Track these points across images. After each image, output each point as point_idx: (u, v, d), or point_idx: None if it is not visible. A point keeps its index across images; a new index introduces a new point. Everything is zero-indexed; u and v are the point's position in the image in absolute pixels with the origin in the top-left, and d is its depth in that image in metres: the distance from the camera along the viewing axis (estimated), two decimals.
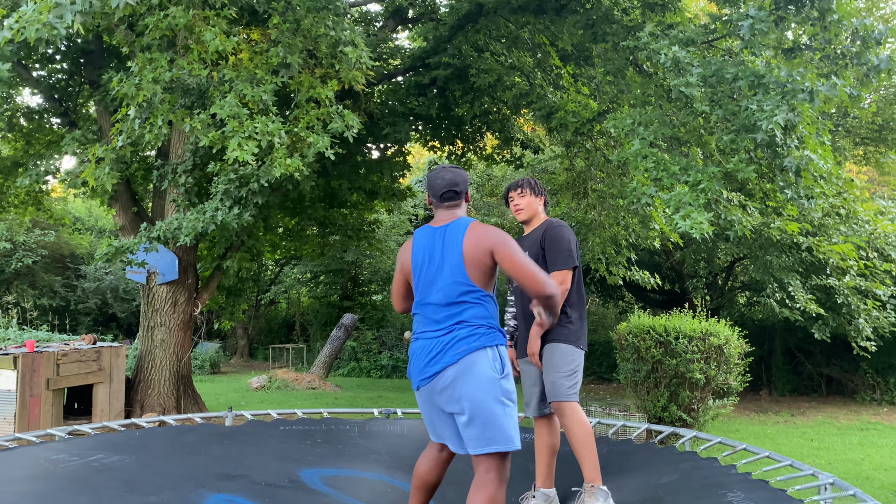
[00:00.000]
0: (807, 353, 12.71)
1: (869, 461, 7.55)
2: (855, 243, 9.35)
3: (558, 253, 3.54)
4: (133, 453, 3.91)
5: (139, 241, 7.43)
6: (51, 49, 8.99)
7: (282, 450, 4.25)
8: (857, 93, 5.63)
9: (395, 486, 3.83)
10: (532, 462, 4.15)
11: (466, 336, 2.74)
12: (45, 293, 17.06)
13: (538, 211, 3.77)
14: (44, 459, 3.66)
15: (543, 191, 3.81)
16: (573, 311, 3.60)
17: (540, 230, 3.68)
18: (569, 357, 3.53)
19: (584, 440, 3.40)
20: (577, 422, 3.43)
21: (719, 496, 3.37)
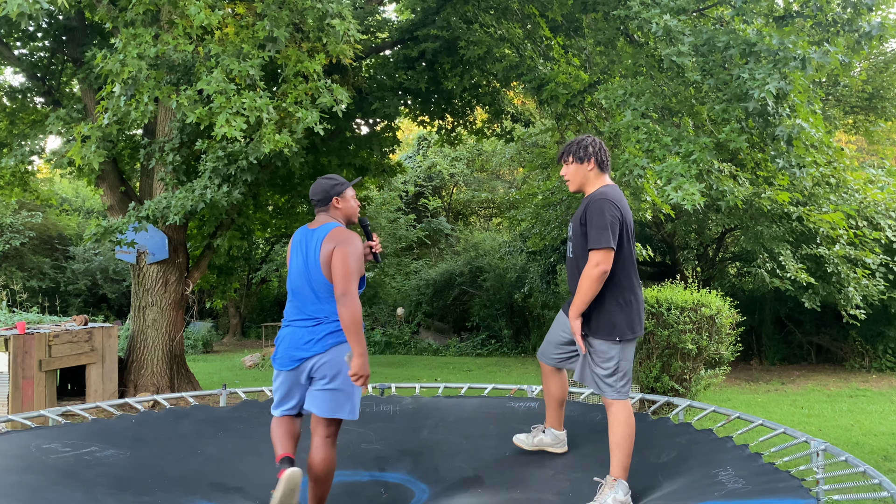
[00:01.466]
0: (797, 322, 12.81)
1: (858, 427, 7.65)
2: (845, 212, 9.39)
3: (591, 229, 3.25)
4: (127, 447, 3.83)
5: (128, 220, 7.36)
6: (32, 26, 8.82)
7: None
8: (849, 60, 5.60)
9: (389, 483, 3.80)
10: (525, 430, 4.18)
11: (334, 330, 3.27)
12: (34, 275, 16.94)
13: (588, 177, 3.44)
14: (35, 448, 3.61)
15: (592, 154, 3.41)
16: (612, 299, 3.32)
17: (586, 201, 3.38)
18: (605, 355, 3.34)
19: (622, 441, 3.31)
20: (619, 422, 3.32)
21: (712, 476, 3.37)
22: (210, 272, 10.65)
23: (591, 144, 3.43)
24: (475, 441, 4.21)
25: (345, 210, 3.48)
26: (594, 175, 3.43)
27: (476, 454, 4.02)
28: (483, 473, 3.74)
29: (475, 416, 4.63)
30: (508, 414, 4.63)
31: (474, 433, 4.32)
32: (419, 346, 15.76)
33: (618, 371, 3.34)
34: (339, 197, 3.45)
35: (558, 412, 3.80)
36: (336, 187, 3.45)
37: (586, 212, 3.31)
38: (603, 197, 3.31)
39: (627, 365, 3.38)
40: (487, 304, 15.98)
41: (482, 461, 3.91)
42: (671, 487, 3.36)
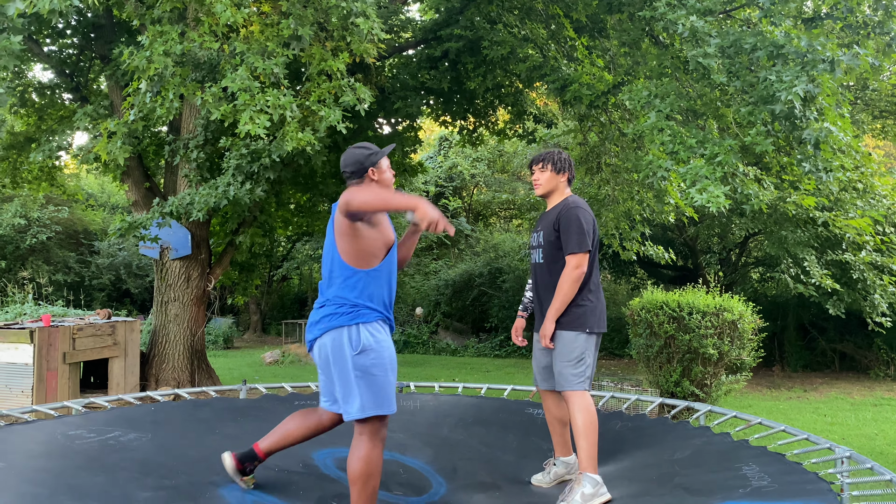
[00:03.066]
0: (820, 328, 12.64)
1: (883, 436, 7.52)
2: (872, 217, 9.24)
3: (570, 235, 3.46)
4: (149, 431, 3.90)
5: (152, 216, 7.44)
6: (62, 23, 8.95)
7: None
8: (879, 63, 5.51)
9: (408, 466, 3.83)
10: (543, 438, 4.15)
11: (328, 315, 3.00)
12: (59, 269, 17.17)
13: (558, 187, 3.65)
14: (61, 435, 3.68)
15: (568, 167, 3.66)
16: (583, 296, 3.52)
17: (556, 210, 3.59)
18: (572, 344, 3.47)
19: (584, 429, 3.35)
20: (580, 410, 3.39)
21: (734, 469, 3.36)
22: (232, 269, 10.74)
23: (566, 160, 3.68)
24: (494, 451, 4.19)
25: (382, 182, 3.10)
26: (563, 187, 3.67)
27: (495, 464, 4.01)
28: (501, 483, 3.72)
29: (495, 421, 4.60)
30: (528, 422, 4.59)
31: (494, 442, 4.30)
32: (437, 346, 15.76)
33: (582, 362, 3.45)
34: (374, 167, 3.07)
35: (563, 437, 3.74)
36: (371, 157, 3.07)
37: (560, 219, 3.51)
38: (577, 205, 3.54)
39: (591, 359, 3.50)
40: (506, 305, 15.93)
41: (500, 472, 3.89)
42: (693, 481, 3.33)
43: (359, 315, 2.98)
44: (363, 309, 3.00)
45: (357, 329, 2.97)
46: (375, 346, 2.97)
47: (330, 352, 2.99)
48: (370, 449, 2.94)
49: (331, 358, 2.98)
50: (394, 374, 3.04)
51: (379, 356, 2.97)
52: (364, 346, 2.95)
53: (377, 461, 2.95)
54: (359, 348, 2.94)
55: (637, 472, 3.61)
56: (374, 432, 2.96)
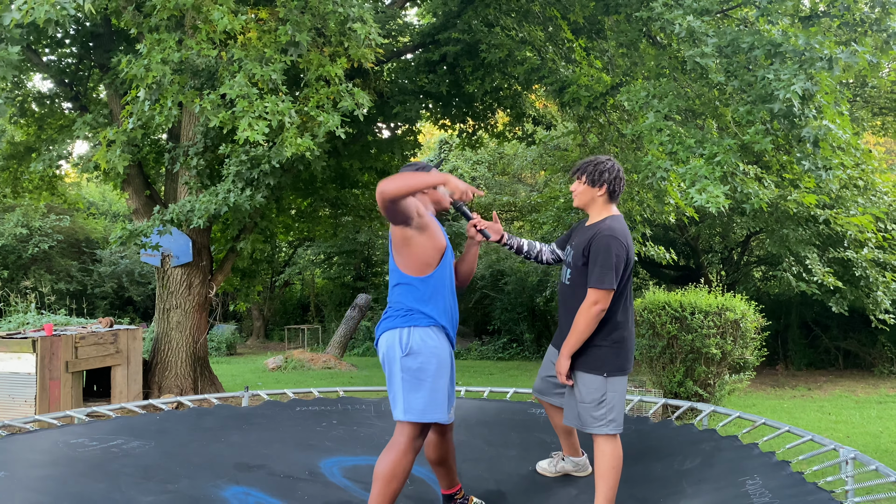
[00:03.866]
0: (823, 326, 12.61)
1: (888, 434, 7.50)
2: (873, 215, 9.23)
3: (594, 267, 3.16)
4: (152, 438, 3.92)
5: (153, 224, 7.44)
6: (60, 32, 8.97)
7: (299, 434, 4.24)
8: (877, 60, 5.50)
9: (414, 476, 3.81)
10: (547, 433, 4.14)
11: (386, 318, 3.10)
12: (61, 278, 17.20)
13: (595, 202, 3.33)
14: (63, 444, 3.68)
15: (607, 181, 3.29)
16: (605, 336, 3.23)
17: (590, 233, 3.27)
18: (591, 386, 3.22)
19: (605, 472, 3.17)
20: (602, 453, 3.19)
21: (738, 485, 3.29)
22: (233, 275, 10.74)
23: (608, 171, 3.31)
24: (497, 449, 4.19)
25: (433, 195, 3.21)
26: (602, 202, 3.33)
27: (498, 464, 4.00)
28: (505, 487, 3.70)
29: (497, 421, 4.61)
30: (530, 421, 4.61)
31: (496, 440, 4.31)
32: None
33: (603, 404, 3.20)
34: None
35: (569, 440, 3.65)
36: (422, 171, 3.13)
37: (591, 245, 3.21)
38: (611, 233, 3.20)
39: (616, 398, 3.23)
40: (509, 307, 15.93)
41: (504, 473, 3.87)
42: (696, 497, 3.30)
43: (412, 319, 3.03)
44: (417, 314, 3.04)
45: (409, 332, 3.01)
46: (424, 350, 2.99)
47: (384, 353, 3.06)
48: (402, 454, 2.95)
49: (384, 358, 3.06)
50: (444, 382, 3.01)
51: (427, 361, 2.98)
52: (412, 349, 2.99)
53: (405, 467, 2.95)
54: (407, 350, 2.99)
55: (641, 486, 3.55)
56: (411, 438, 2.97)
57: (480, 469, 3.93)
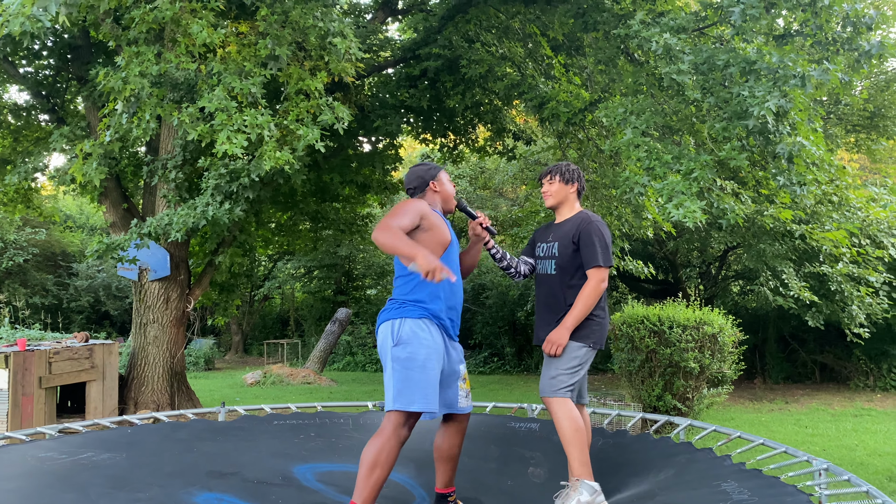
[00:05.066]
0: (800, 340, 12.74)
1: (863, 447, 7.57)
2: (848, 230, 9.36)
3: (595, 249, 3.45)
4: (123, 450, 3.86)
5: (130, 237, 7.37)
6: (37, 44, 8.90)
7: (275, 445, 4.21)
8: (849, 78, 5.61)
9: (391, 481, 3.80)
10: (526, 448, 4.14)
11: (385, 309, 3.21)
12: (36, 291, 16.96)
13: (568, 199, 3.66)
14: (31, 457, 3.61)
15: (576, 178, 3.67)
16: (595, 310, 3.50)
17: (572, 223, 3.57)
18: (574, 353, 3.45)
19: (571, 436, 3.33)
20: (559, 418, 3.36)
21: (713, 486, 3.35)
22: (212, 289, 10.66)
23: (575, 170, 3.68)
24: (477, 461, 4.18)
25: (443, 193, 3.39)
26: (573, 198, 3.67)
27: (477, 475, 3.99)
28: (484, 498, 3.70)
29: (476, 434, 4.60)
30: (509, 434, 4.61)
31: (476, 452, 4.30)
32: None
33: (577, 372, 3.43)
34: (434, 181, 3.36)
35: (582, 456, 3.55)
36: (431, 171, 3.38)
37: (580, 232, 3.49)
38: (598, 220, 3.54)
39: (583, 374, 3.50)
40: (490, 321, 15.94)
41: (483, 484, 3.87)
42: (675, 498, 3.32)
43: (405, 310, 3.14)
44: (411, 305, 3.15)
45: (400, 322, 3.12)
46: (413, 340, 3.07)
47: (380, 343, 3.16)
48: (385, 440, 3.01)
49: (380, 349, 3.15)
50: (433, 373, 3.08)
51: (416, 351, 3.06)
52: (401, 339, 3.08)
53: (389, 454, 3.00)
54: (397, 340, 3.08)
55: (619, 492, 3.59)
56: (397, 426, 3.04)
57: (460, 479, 3.92)
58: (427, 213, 3.19)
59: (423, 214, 3.16)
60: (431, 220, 3.20)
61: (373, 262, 18.71)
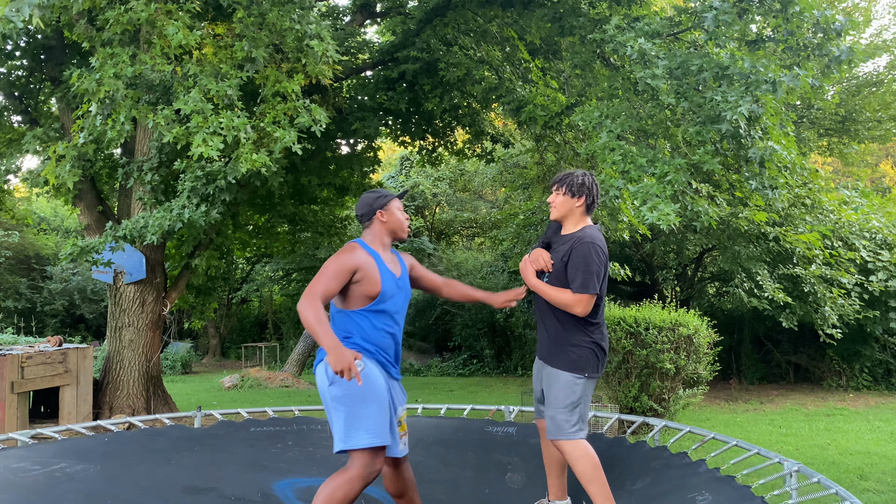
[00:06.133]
0: (775, 341, 12.91)
1: (835, 446, 7.69)
2: (820, 232, 9.52)
3: (577, 272, 3.26)
4: (98, 462, 3.81)
5: (105, 240, 7.29)
6: (9, 45, 8.77)
7: (252, 455, 4.17)
8: (820, 83, 5.71)
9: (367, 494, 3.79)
10: (504, 454, 4.16)
11: (321, 349, 3.02)
12: (9, 295, 16.71)
13: (573, 212, 3.42)
14: (3, 468, 3.56)
15: (585, 192, 3.40)
16: (583, 336, 3.33)
17: (569, 240, 3.37)
18: (569, 389, 3.28)
19: (589, 475, 3.20)
20: (577, 459, 3.22)
21: (688, 500, 3.36)
22: (188, 292, 10.57)
23: (586, 183, 3.42)
24: (454, 470, 4.19)
25: (391, 224, 3.25)
26: (580, 213, 3.43)
27: (455, 484, 3.99)
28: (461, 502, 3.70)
29: (453, 440, 4.61)
30: (486, 440, 4.61)
31: (453, 460, 4.30)
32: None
33: (577, 406, 3.28)
34: (383, 210, 3.24)
35: (560, 479, 3.54)
36: (380, 199, 3.25)
37: (572, 252, 3.30)
38: (592, 241, 3.31)
39: (586, 404, 3.33)
40: (469, 324, 15.96)
41: (461, 494, 3.87)
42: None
43: None
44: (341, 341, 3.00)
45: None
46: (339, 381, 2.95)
47: (319, 386, 3.05)
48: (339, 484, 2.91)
49: (320, 391, 3.04)
50: (373, 408, 2.98)
51: (351, 387, 2.94)
52: (335, 378, 2.96)
53: (344, 497, 2.89)
54: (332, 379, 2.98)
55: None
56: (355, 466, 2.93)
57: (437, 490, 3.92)
58: (360, 266, 3.08)
59: (356, 268, 3.07)
60: (365, 272, 3.09)
61: None
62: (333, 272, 3.02)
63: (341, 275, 3.03)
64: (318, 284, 2.96)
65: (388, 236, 3.27)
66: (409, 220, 3.34)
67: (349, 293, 3.09)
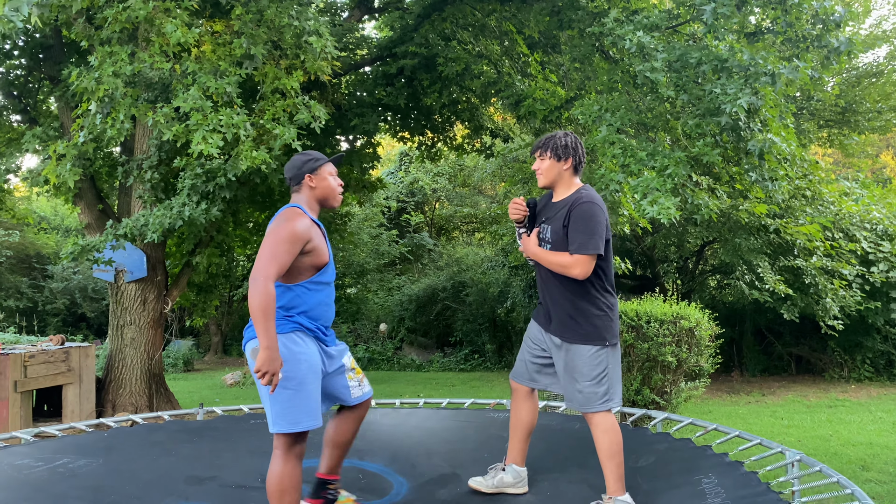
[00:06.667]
0: (776, 333, 12.92)
1: (837, 437, 7.71)
2: (821, 224, 9.51)
3: (577, 233, 3.11)
4: (100, 456, 3.84)
5: (105, 238, 7.30)
6: (8, 44, 8.77)
7: (252, 443, 4.21)
8: (819, 75, 5.70)
9: (367, 471, 3.82)
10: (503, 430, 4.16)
11: (250, 325, 2.89)
12: (11, 294, 16.72)
13: (562, 176, 3.27)
14: (7, 465, 3.58)
15: (572, 152, 3.25)
16: (596, 303, 3.19)
17: (565, 205, 3.22)
18: (595, 360, 3.16)
19: (611, 451, 3.15)
20: (605, 432, 3.16)
21: (694, 483, 3.38)
22: (189, 290, 10.58)
23: (570, 144, 3.28)
24: (454, 444, 4.23)
25: (321, 190, 3.07)
26: (569, 175, 3.28)
27: (455, 455, 4.01)
28: (462, 472, 3.71)
29: (454, 425, 4.67)
30: (488, 422, 4.68)
31: (453, 438, 4.36)
32: (402, 362, 15.71)
33: (606, 378, 3.16)
34: (312, 174, 3.05)
35: (523, 444, 3.49)
36: (310, 162, 3.05)
37: (571, 214, 3.16)
38: (591, 201, 3.17)
39: (615, 372, 3.21)
40: (470, 319, 15.97)
41: (460, 461, 3.88)
42: (653, 496, 3.36)
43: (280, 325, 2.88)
44: (280, 320, 2.89)
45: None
46: (288, 357, 2.83)
47: (251, 363, 2.86)
48: (282, 465, 2.86)
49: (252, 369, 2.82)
50: (315, 386, 2.91)
51: (293, 368, 2.83)
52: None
53: (291, 477, 2.86)
54: None
55: (598, 481, 3.62)
56: (287, 448, 2.88)
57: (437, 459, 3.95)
58: (310, 236, 2.91)
59: (310, 238, 2.91)
60: (314, 244, 2.94)
61: (352, 262, 18.66)
62: (288, 245, 2.82)
63: (296, 246, 2.85)
64: (273, 262, 2.75)
65: (318, 203, 3.09)
66: (342, 187, 3.16)
67: (294, 264, 2.89)
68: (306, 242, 2.88)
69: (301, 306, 2.96)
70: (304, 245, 2.88)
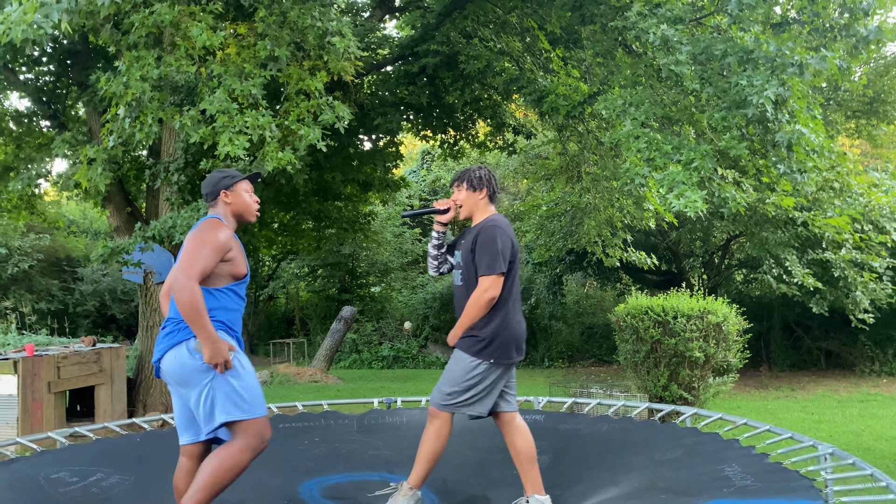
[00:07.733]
0: (805, 327, 12.76)
1: (869, 432, 7.60)
2: (851, 216, 9.37)
3: (482, 256, 3.33)
4: (132, 470, 3.81)
5: (134, 241, 7.41)
6: (37, 51, 8.94)
7: (280, 455, 4.12)
8: (847, 65, 5.62)
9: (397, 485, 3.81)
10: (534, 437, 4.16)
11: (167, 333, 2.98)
12: (42, 297, 17.03)
13: (478, 205, 3.52)
14: (44, 479, 3.59)
15: (486, 183, 3.51)
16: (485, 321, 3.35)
17: (477, 229, 3.46)
18: (467, 371, 3.33)
19: (424, 454, 3.35)
20: (433, 432, 3.35)
21: (718, 470, 3.38)
22: None
23: (484, 175, 3.54)
24: (482, 454, 4.21)
25: (237, 205, 3.17)
26: (484, 204, 3.53)
27: (483, 469, 4.01)
28: (491, 493, 3.71)
29: (482, 427, 4.62)
30: None
31: (481, 445, 4.32)
32: (427, 360, 15.75)
33: (469, 389, 3.34)
34: (227, 191, 3.15)
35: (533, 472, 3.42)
36: (226, 179, 3.16)
37: (477, 239, 3.39)
38: (494, 224, 3.41)
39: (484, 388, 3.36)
40: None
41: (490, 478, 3.88)
42: (678, 483, 3.36)
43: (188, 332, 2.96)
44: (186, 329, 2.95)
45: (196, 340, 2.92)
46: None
47: (175, 369, 2.92)
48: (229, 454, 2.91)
49: (177, 375, 2.92)
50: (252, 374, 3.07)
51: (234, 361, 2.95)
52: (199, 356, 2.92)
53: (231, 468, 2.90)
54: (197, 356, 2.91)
55: (624, 473, 3.63)
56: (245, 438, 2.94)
57: (466, 474, 3.94)
58: (231, 245, 3.03)
59: (230, 247, 3.02)
60: (234, 253, 3.05)
61: (376, 260, 18.75)
62: (211, 250, 2.92)
63: (219, 253, 2.96)
64: (197, 264, 2.85)
65: (234, 218, 3.18)
66: (258, 204, 3.28)
67: (215, 270, 2.98)
68: (227, 251, 3.00)
69: (221, 309, 3.05)
70: (225, 253, 2.99)
